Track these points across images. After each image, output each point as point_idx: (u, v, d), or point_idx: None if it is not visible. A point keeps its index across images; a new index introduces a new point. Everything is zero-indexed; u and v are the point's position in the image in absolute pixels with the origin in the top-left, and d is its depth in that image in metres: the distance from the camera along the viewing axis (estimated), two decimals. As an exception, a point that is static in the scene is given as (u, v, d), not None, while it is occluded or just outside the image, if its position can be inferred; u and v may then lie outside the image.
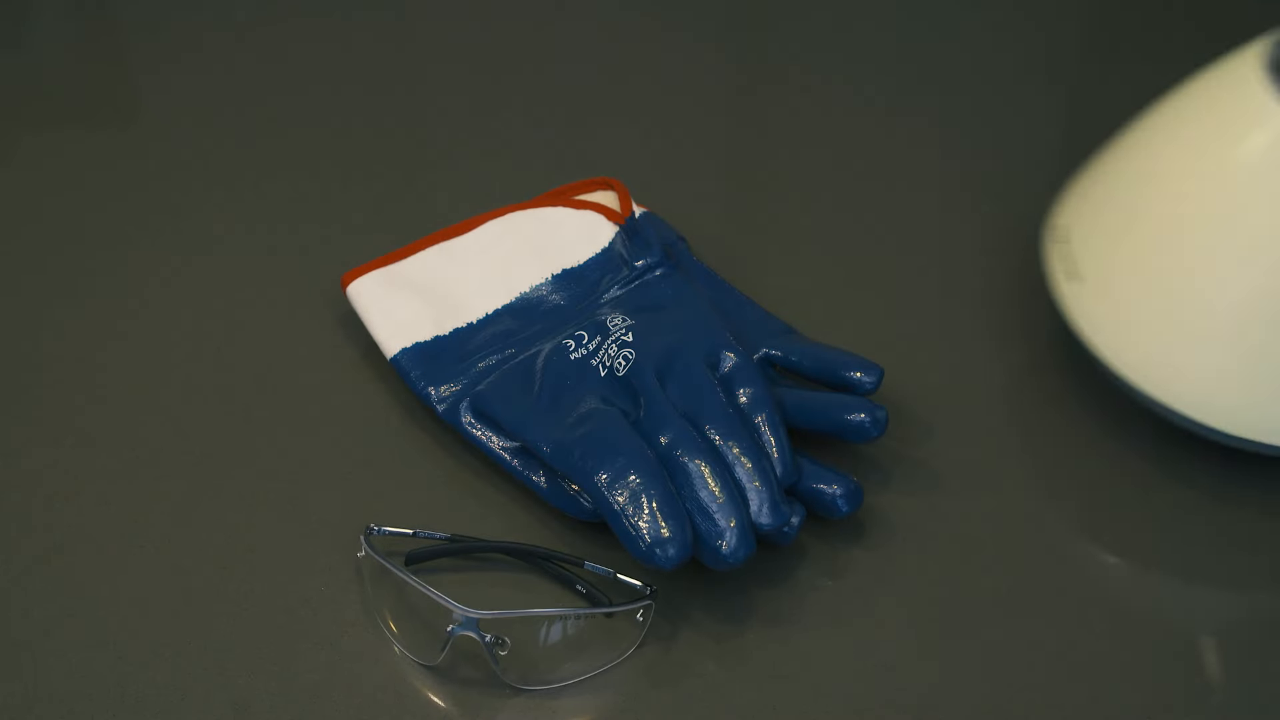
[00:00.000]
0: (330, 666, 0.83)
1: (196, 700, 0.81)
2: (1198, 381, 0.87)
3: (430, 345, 0.93)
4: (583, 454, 0.84)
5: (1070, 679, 0.83)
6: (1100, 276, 0.90)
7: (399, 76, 1.14)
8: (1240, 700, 0.82)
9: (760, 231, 1.04)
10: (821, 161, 1.08)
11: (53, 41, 1.18)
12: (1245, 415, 0.87)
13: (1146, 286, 0.88)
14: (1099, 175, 0.93)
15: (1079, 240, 0.91)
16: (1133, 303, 0.88)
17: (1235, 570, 0.87)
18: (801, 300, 0.99)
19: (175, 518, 0.88)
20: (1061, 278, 0.92)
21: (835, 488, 0.87)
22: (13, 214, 1.04)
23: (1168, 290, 0.87)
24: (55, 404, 0.93)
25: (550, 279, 0.96)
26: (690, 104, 1.12)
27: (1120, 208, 0.90)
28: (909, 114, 1.06)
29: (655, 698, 0.82)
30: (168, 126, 1.11)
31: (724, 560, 0.82)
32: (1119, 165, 0.92)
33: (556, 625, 0.83)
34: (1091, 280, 0.90)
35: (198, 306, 0.99)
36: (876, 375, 0.91)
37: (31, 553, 0.87)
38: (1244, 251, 0.85)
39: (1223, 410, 0.87)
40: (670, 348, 0.89)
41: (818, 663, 0.83)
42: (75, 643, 0.83)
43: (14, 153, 1.08)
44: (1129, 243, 0.89)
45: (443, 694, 0.82)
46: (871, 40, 1.18)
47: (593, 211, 0.98)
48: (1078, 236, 0.92)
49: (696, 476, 0.83)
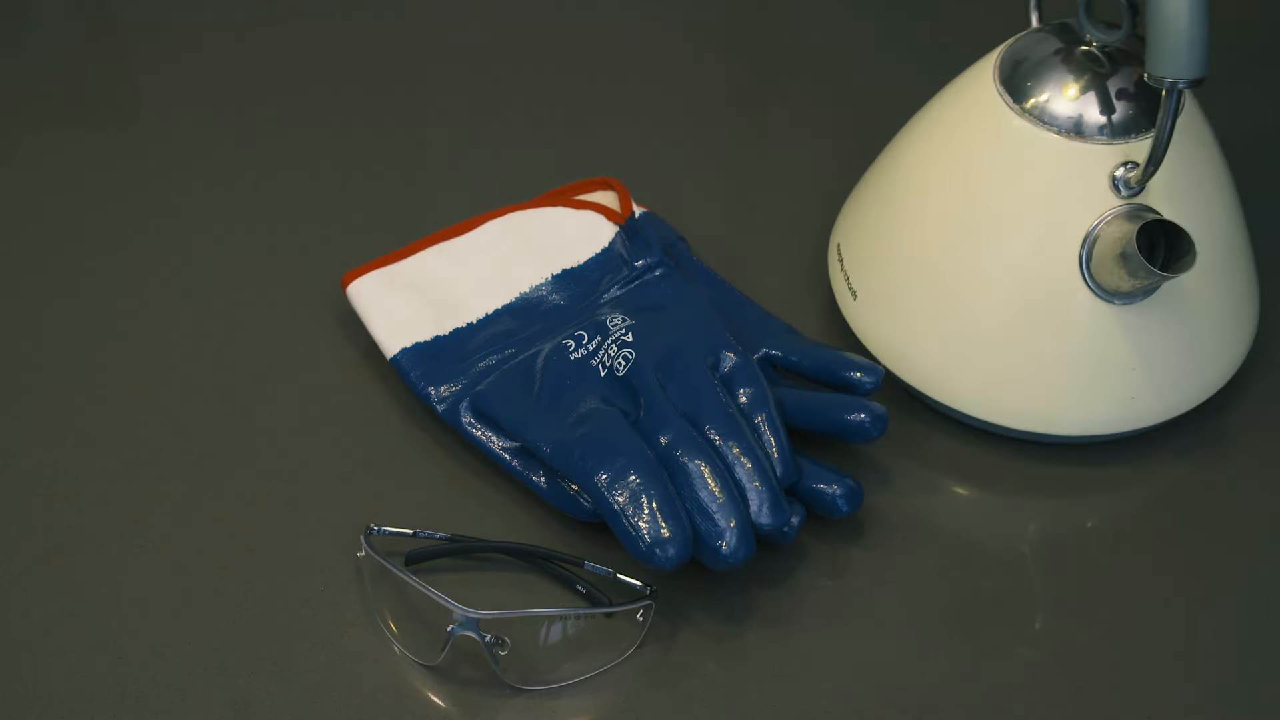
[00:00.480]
0: (330, 666, 0.83)
1: (196, 700, 0.81)
2: (974, 383, 0.90)
3: (430, 345, 0.93)
4: (583, 454, 0.84)
5: (1070, 679, 0.83)
6: (868, 292, 0.94)
7: (399, 76, 1.14)
8: (1240, 700, 0.82)
9: (760, 231, 1.04)
10: (822, 161, 1.08)
11: (53, 41, 1.18)
12: (1029, 410, 0.90)
13: (906, 298, 0.92)
14: (860, 193, 0.97)
15: (848, 258, 0.95)
16: (897, 314, 0.92)
17: (1232, 563, 0.87)
18: (801, 300, 0.99)
19: (175, 518, 0.88)
20: (842, 295, 0.96)
21: (835, 488, 0.87)
22: (13, 214, 1.04)
23: (924, 299, 0.91)
24: (55, 404, 0.93)
25: (550, 279, 0.96)
26: (690, 104, 1.12)
27: (876, 224, 0.94)
28: (910, 114, 1.06)
29: (655, 698, 0.82)
30: (168, 126, 1.11)
31: (724, 560, 0.82)
32: (875, 182, 0.96)
33: (556, 625, 0.83)
34: (862, 296, 0.94)
35: (198, 306, 0.99)
36: (876, 375, 0.91)
37: (31, 553, 0.87)
38: (990, 254, 0.89)
39: (1007, 409, 0.90)
40: (670, 348, 0.89)
41: (818, 663, 0.83)
42: (75, 643, 0.83)
43: (14, 153, 1.08)
44: (886, 258, 0.93)
45: (443, 694, 0.82)
46: (872, 40, 1.18)
47: (593, 211, 0.98)
48: (846, 255, 0.96)
49: (696, 476, 0.83)
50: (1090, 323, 0.88)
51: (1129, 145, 0.87)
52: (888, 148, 0.97)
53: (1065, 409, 0.90)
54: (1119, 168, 0.86)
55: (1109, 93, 0.88)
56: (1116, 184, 0.86)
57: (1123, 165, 0.86)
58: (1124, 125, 0.87)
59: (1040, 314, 0.88)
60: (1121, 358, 0.88)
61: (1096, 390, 0.89)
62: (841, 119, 1.11)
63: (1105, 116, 0.87)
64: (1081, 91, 0.87)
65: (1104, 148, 0.87)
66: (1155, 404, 0.90)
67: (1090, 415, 0.90)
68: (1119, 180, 0.86)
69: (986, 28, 1.02)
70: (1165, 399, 0.90)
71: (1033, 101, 0.88)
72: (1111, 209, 0.86)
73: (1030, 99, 0.88)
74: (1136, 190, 0.86)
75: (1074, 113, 0.87)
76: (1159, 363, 0.89)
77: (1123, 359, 0.88)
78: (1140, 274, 0.84)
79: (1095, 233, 0.86)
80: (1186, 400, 0.91)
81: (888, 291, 0.93)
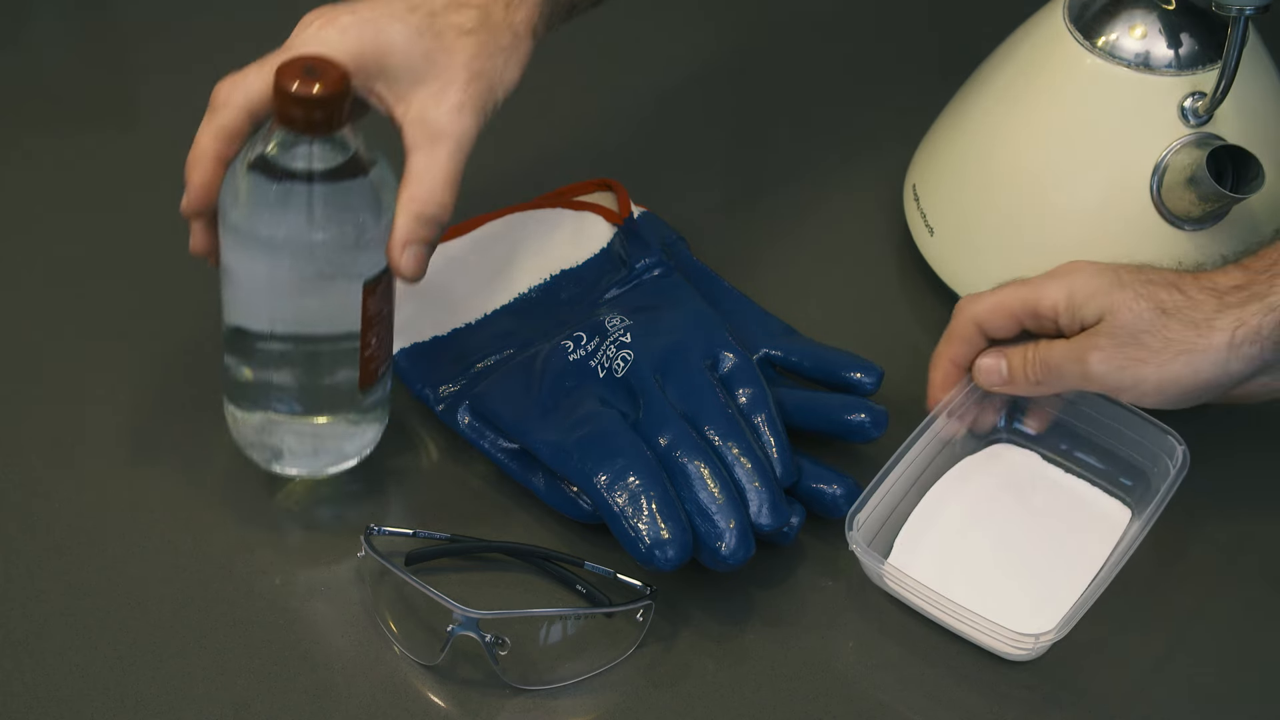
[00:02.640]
0: (330, 666, 0.83)
1: (196, 700, 0.81)
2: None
3: (429, 346, 0.93)
4: (582, 456, 0.84)
5: (1069, 679, 0.83)
6: (945, 228, 0.98)
7: (399, 77, 1.14)
8: (1241, 702, 0.83)
9: (760, 231, 1.04)
10: (822, 161, 1.08)
11: (53, 41, 1.18)
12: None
13: (982, 232, 0.96)
14: (935, 135, 1.01)
15: (924, 197, 0.99)
16: (977, 249, 0.96)
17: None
18: (800, 300, 0.99)
19: (175, 517, 0.88)
20: (919, 233, 0.99)
21: (835, 488, 0.87)
22: (13, 214, 1.04)
23: (1006, 233, 0.95)
24: (55, 403, 0.93)
25: (549, 280, 0.96)
26: (690, 104, 1.12)
27: (952, 163, 0.99)
28: (912, 114, 1.06)
29: (655, 698, 0.82)
30: (168, 127, 1.10)
31: (724, 561, 0.82)
32: (950, 124, 1.00)
33: (556, 625, 0.83)
34: (939, 232, 0.98)
35: (198, 306, 0.98)
36: (876, 376, 0.91)
37: (31, 553, 0.87)
38: (1064, 187, 0.94)
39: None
40: (669, 348, 0.89)
41: (818, 663, 0.83)
42: (75, 643, 0.83)
43: (14, 153, 1.08)
44: (962, 194, 0.97)
45: (443, 694, 0.82)
46: (873, 40, 1.18)
47: (591, 212, 0.98)
48: (923, 194, 0.99)
49: (696, 477, 0.83)
50: (1163, 249, 0.91)
51: (1195, 76, 0.91)
52: (960, 90, 1.00)
53: None
54: (1187, 98, 0.91)
55: (1175, 27, 0.92)
56: (1185, 114, 0.91)
57: (1190, 96, 0.91)
58: (1190, 58, 0.92)
59: (1114, 243, 0.91)
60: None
61: None
62: (843, 119, 1.11)
63: (1172, 50, 0.92)
64: (1148, 27, 0.92)
65: (1172, 79, 0.91)
66: None
67: None
68: (1187, 110, 0.91)
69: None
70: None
71: (1103, 39, 0.92)
72: (1181, 138, 0.90)
73: (1100, 37, 0.93)
74: (1204, 119, 0.91)
75: (1142, 48, 0.92)
76: None
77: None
78: (1210, 197, 0.88)
79: (1165, 161, 0.90)
80: None
81: (964, 226, 0.97)
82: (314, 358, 0.84)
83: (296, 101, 0.77)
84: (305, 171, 0.78)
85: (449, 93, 0.82)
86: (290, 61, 0.78)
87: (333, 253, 0.80)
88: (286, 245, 0.79)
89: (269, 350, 0.83)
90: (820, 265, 1.02)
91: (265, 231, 0.79)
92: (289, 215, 0.79)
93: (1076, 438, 0.89)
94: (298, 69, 0.77)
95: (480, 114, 0.84)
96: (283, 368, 0.84)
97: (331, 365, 0.84)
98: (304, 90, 0.76)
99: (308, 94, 0.76)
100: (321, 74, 0.77)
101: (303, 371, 0.84)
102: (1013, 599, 0.84)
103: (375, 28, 0.82)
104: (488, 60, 0.84)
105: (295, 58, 0.78)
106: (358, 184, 0.80)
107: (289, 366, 0.84)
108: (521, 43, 0.86)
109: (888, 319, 0.99)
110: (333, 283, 0.81)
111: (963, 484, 0.89)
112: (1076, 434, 0.89)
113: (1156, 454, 0.87)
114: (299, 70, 0.77)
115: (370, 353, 0.84)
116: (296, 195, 0.79)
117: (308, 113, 0.77)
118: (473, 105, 0.83)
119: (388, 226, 0.81)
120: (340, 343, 0.83)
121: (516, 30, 0.85)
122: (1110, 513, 0.88)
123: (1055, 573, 0.85)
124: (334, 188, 0.79)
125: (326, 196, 0.79)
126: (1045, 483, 0.89)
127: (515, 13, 0.85)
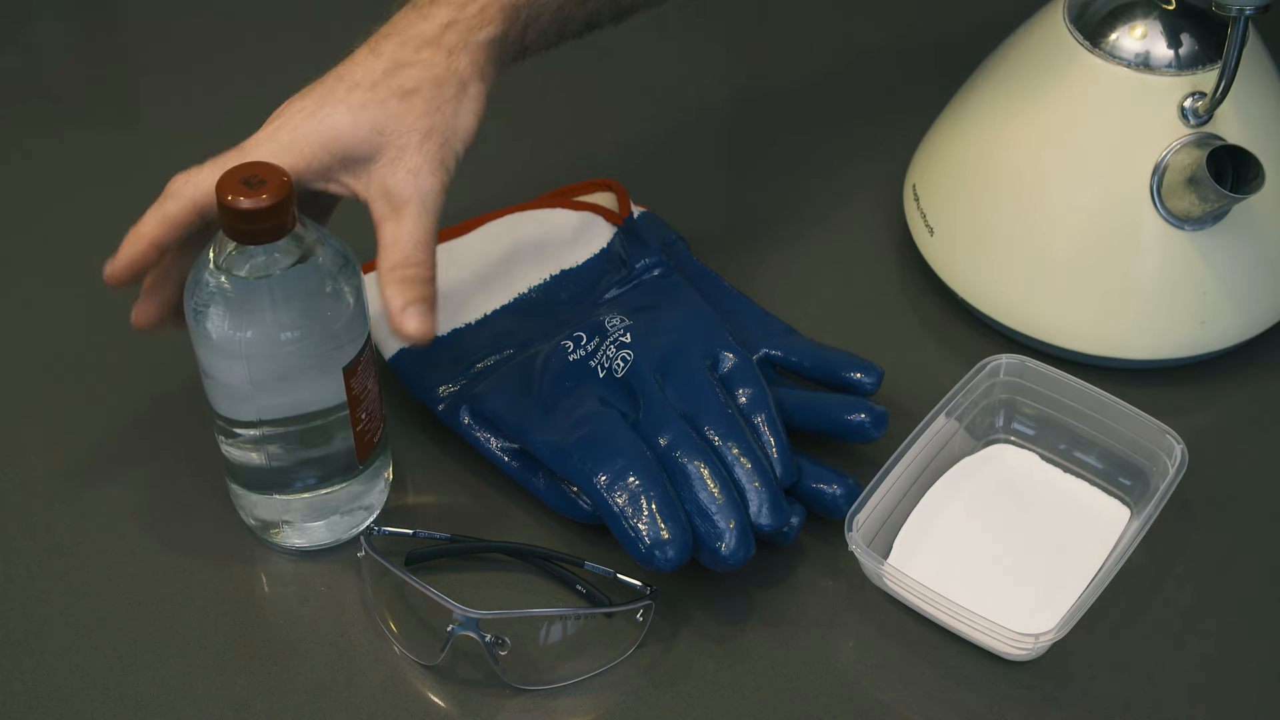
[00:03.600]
0: (330, 666, 0.83)
1: (196, 700, 0.81)
2: (1050, 312, 0.94)
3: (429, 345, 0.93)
4: (582, 456, 0.84)
5: (1069, 679, 0.83)
6: (944, 227, 0.98)
7: (399, 76, 1.14)
8: (1240, 702, 0.83)
9: (760, 231, 1.04)
10: (822, 161, 1.08)
11: (53, 41, 1.18)
12: (1097, 336, 0.94)
13: (982, 231, 0.96)
14: (935, 135, 1.01)
15: (924, 197, 0.99)
16: (977, 249, 0.96)
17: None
18: (800, 300, 0.99)
19: (175, 517, 0.88)
20: (919, 233, 0.99)
21: (835, 488, 0.87)
22: (13, 214, 1.04)
23: (1006, 233, 0.95)
24: (55, 404, 0.93)
25: (549, 280, 0.96)
26: (690, 104, 1.12)
27: (952, 162, 0.99)
28: (912, 114, 1.06)
29: (655, 698, 0.82)
30: (168, 127, 1.11)
31: (723, 561, 0.82)
32: (950, 123, 1.00)
33: (556, 625, 0.83)
34: (939, 231, 0.98)
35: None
36: (876, 376, 0.91)
37: (31, 553, 0.87)
38: (1064, 187, 0.93)
39: (1082, 336, 0.94)
40: (669, 348, 0.89)
41: (817, 663, 0.83)
42: (75, 643, 0.83)
43: (14, 153, 1.08)
44: (962, 194, 0.97)
45: (443, 694, 0.82)
46: (873, 40, 1.18)
47: (591, 212, 0.98)
48: (923, 194, 0.99)
49: (696, 478, 0.83)
50: (1162, 249, 0.92)
51: (1195, 76, 0.91)
52: (961, 90, 1.01)
53: (1138, 335, 0.93)
54: (1187, 98, 0.91)
55: (1175, 27, 0.92)
56: (1185, 114, 0.91)
57: (1190, 96, 0.91)
58: (1190, 58, 0.92)
59: (1114, 243, 0.92)
60: (1193, 282, 0.92)
61: (1169, 315, 0.93)
62: (843, 119, 1.11)
63: (1172, 50, 0.92)
64: (1149, 27, 0.92)
65: (1172, 79, 0.91)
66: (1226, 327, 0.94)
67: (1162, 340, 0.93)
68: (1187, 110, 0.91)
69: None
70: (1236, 322, 0.94)
71: (1103, 39, 0.92)
72: (1181, 138, 0.91)
73: (1100, 37, 0.93)
74: (1204, 119, 0.91)
75: (1142, 48, 0.92)
76: (1230, 285, 0.93)
77: (1194, 283, 0.92)
78: (1210, 197, 0.88)
79: (1165, 161, 0.90)
80: (1257, 323, 0.95)
81: (964, 226, 0.97)
82: (307, 434, 0.83)
83: (237, 215, 0.77)
84: (262, 276, 0.78)
85: (404, 159, 0.82)
86: (230, 173, 0.77)
87: (304, 346, 0.80)
88: (256, 346, 0.79)
89: (261, 435, 0.83)
90: (820, 265, 1.02)
91: (235, 334, 0.79)
92: (254, 318, 0.79)
93: (1075, 437, 0.89)
94: (236, 180, 0.77)
95: (440, 170, 0.83)
96: (277, 445, 0.84)
97: (325, 436, 0.84)
98: (241, 204, 0.76)
99: (247, 208, 0.76)
100: (263, 183, 0.77)
101: (299, 447, 0.84)
102: (1012, 599, 0.84)
103: (318, 120, 0.82)
104: (436, 115, 0.83)
105: (236, 168, 0.78)
106: (316, 277, 0.80)
107: (283, 444, 0.84)
108: (471, 87, 0.85)
109: (888, 319, 0.99)
110: (310, 372, 0.81)
111: (962, 484, 0.89)
112: (1075, 433, 0.89)
113: (1155, 453, 0.87)
114: (237, 182, 0.77)
115: (362, 427, 0.84)
116: (257, 297, 0.79)
117: (250, 224, 0.77)
118: (429, 165, 0.83)
119: (355, 310, 0.81)
120: (332, 414, 0.83)
121: (462, 77, 0.84)
122: (1109, 512, 0.88)
123: (1054, 572, 0.85)
124: (293, 287, 0.79)
125: (288, 295, 0.79)
126: (1044, 482, 0.89)
127: (458, 59, 0.84)
